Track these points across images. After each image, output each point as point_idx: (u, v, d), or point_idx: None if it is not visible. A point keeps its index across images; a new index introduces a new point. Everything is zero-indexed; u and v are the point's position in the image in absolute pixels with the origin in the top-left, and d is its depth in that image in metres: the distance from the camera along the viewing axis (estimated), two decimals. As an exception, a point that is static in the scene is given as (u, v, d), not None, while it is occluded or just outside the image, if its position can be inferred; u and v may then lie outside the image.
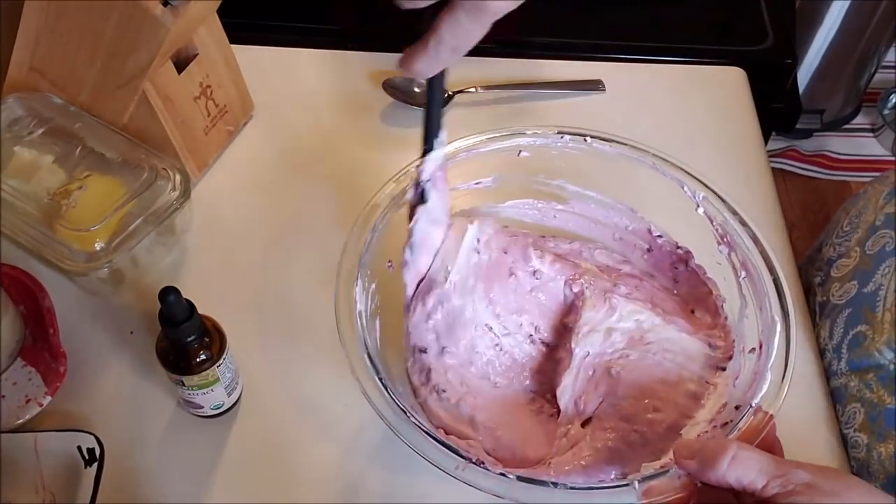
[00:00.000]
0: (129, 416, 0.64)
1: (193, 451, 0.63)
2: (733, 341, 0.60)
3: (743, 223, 0.60)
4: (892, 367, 0.61)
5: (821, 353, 0.69)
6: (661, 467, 0.49)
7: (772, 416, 0.51)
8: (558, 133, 0.64)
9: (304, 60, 0.90)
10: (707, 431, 0.54)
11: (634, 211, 0.66)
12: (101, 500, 0.57)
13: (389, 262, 0.62)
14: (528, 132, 0.65)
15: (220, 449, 0.63)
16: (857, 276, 0.67)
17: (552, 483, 0.49)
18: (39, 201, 0.66)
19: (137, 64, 0.67)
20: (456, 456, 0.49)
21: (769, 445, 0.50)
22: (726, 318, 0.61)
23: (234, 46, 0.77)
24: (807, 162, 1.86)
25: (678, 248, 0.65)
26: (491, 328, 0.60)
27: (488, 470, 0.49)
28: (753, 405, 0.52)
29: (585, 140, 0.64)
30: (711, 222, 0.61)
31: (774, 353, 0.54)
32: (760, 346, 0.55)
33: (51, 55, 0.72)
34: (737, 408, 0.54)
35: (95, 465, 0.58)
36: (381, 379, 0.52)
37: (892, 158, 1.85)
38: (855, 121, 1.91)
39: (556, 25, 0.98)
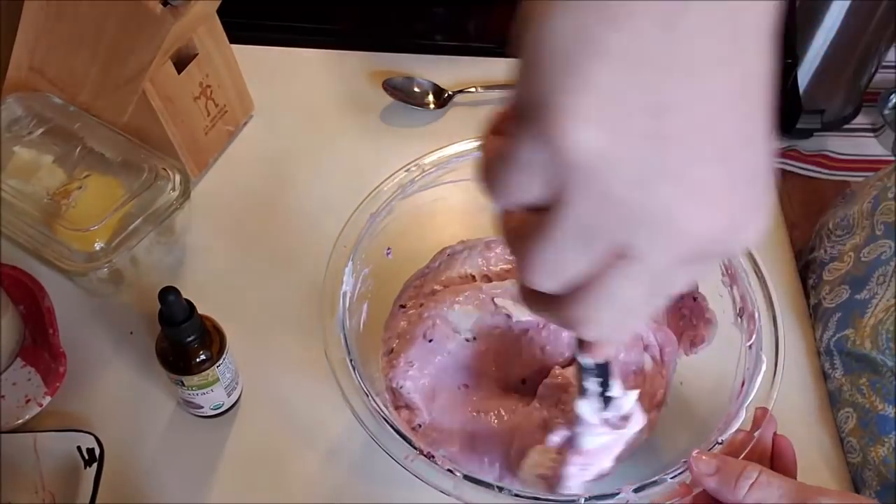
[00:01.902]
0: (128, 417, 0.64)
1: (193, 452, 0.63)
2: None
3: (750, 256, 0.58)
4: (883, 368, 0.62)
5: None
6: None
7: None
8: None
9: (304, 60, 0.90)
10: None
11: None
12: (100, 500, 0.57)
13: (388, 248, 0.62)
14: None
15: (219, 449, 0.63)
16: (848, 281, 0.67)
17: (497, 487, 0.49)
18: (39, 201, 0.66)
19: (137, 64, 0.67)
20: (408, 446, 0.50)
21: (786, 468, 0.49)
22: None
23: (233, 46, 0.77)
24: (807, 162, 1.86)
25: None
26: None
27: (436, 464, 0.49)
28: (720, 441, 0.51)
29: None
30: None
31: (754, 393, 0.53)
32: (742, 384, 0.54)
33: (50, 55, 0.72)
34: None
35: (95, 465, 0.58)
36: (351, 361, 0.53)
37: (892, 158, 1.85)
38: (855, 121, 1.91)
39: (557, 25, 0.98)
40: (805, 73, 1.75)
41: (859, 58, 1.72)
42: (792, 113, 1.72)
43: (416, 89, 0.85)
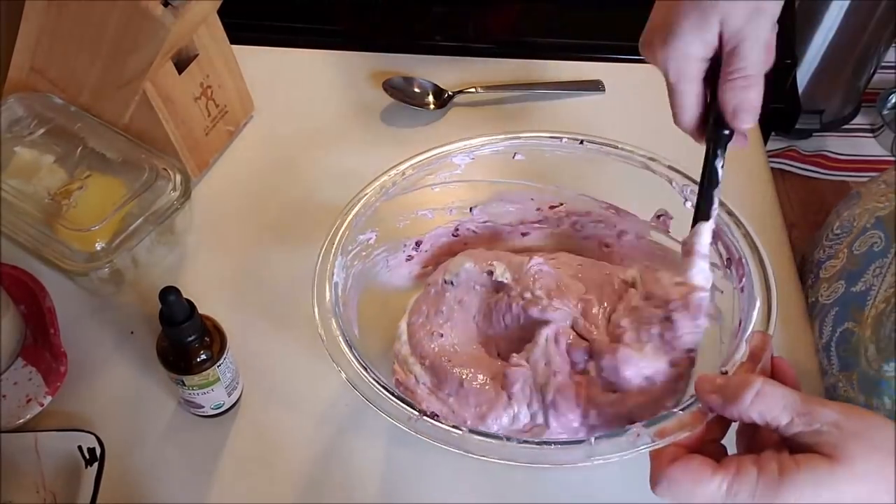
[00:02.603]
0: (129, 416, 0.64)
1: (194, 451, 0.63)
2: None
3: (727, 209, 0.59)
4: (871, 371, 0.62)
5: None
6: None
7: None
8: (552, 136, 0.64)
9: (304, 61, 0.90)
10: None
11: (633, 215, 0.65)
12: (101, 499, 0.57)
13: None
14: (522, 136, 0.64)
15: (220, 448, 0.63)
16: (843, 276, 0.68)
17: (505, 437, 0.49)
18: (40, 201, 0.66)
19: (138, 64, 0.67)
20: (409, 408, 0.50)
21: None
22: None
23: (234, 47, 0.77)
24: (806, 162, 1.86)
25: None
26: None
27: (439, 423, 0.49)
28: (725, 371, 0.50)
29: (581, 143, 0.63)
30: None
31: (751, 326, 0.52)
32: (740, 323, 0.55)
33: (51, 56, 0.72)
34: None
35: (96, 464, 0.58)
36: (345, 336, 0.53)
37: (891, 158, 1.85)
38: (854, 121, 1.91)
39: (556, 25, 0.98)
40: (804, 74, 1.75)
41: (858, 58, 1.73)
42: (791, 113, 1.72)
43: (416, 90, 0.85)
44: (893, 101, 1.89)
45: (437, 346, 0.59)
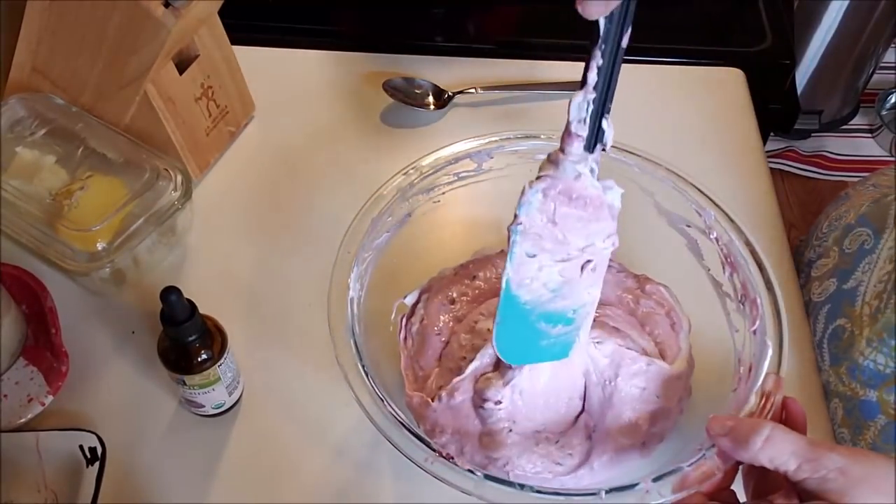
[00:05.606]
0: (130, 416, 0.64)
1: (195, 451, 0.63)
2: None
3: (747, 243, 0.59)
4: (865, 362, 0.62)
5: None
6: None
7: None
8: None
9: (304, 61, 0.90)
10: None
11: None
12: (102, 499, 0.57)
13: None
14: (543, 136, 0.64)
15: (221, 448, 0.63)
16: (836, 274, 0.69)
17: (519, 485, 0.49)
18: (41, 201, 0.67)
19: (139, 65, 0.68)
20: (426, 448, 0.50)
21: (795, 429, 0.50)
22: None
23: (234, 47, 0.78)
24: (805, 162, 1.86)
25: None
26: None
27: (456, 465, 0.49)
28: None
29: (604, 150, 0.63)
30: (717, 242, 0.61)
31: (762, 377, 0.53)
32: (750, 370, 0.55)
33: (53, 56, 0.72)
34: None
35: (97, 464, 0.58)
36: (363, 366, 0.53)
37: (890, 159, 1.85)
38: (853, 121, 1.92)
39: (556, 25, 0.98)
40: (803, 74, 1.75)
41: (857, 59, 1.73)
42: (790, 113, 1.72)
43: (416, 90, 0.85)
44: (892, 101, 1.90)
45: (446, 315, 0.60)
